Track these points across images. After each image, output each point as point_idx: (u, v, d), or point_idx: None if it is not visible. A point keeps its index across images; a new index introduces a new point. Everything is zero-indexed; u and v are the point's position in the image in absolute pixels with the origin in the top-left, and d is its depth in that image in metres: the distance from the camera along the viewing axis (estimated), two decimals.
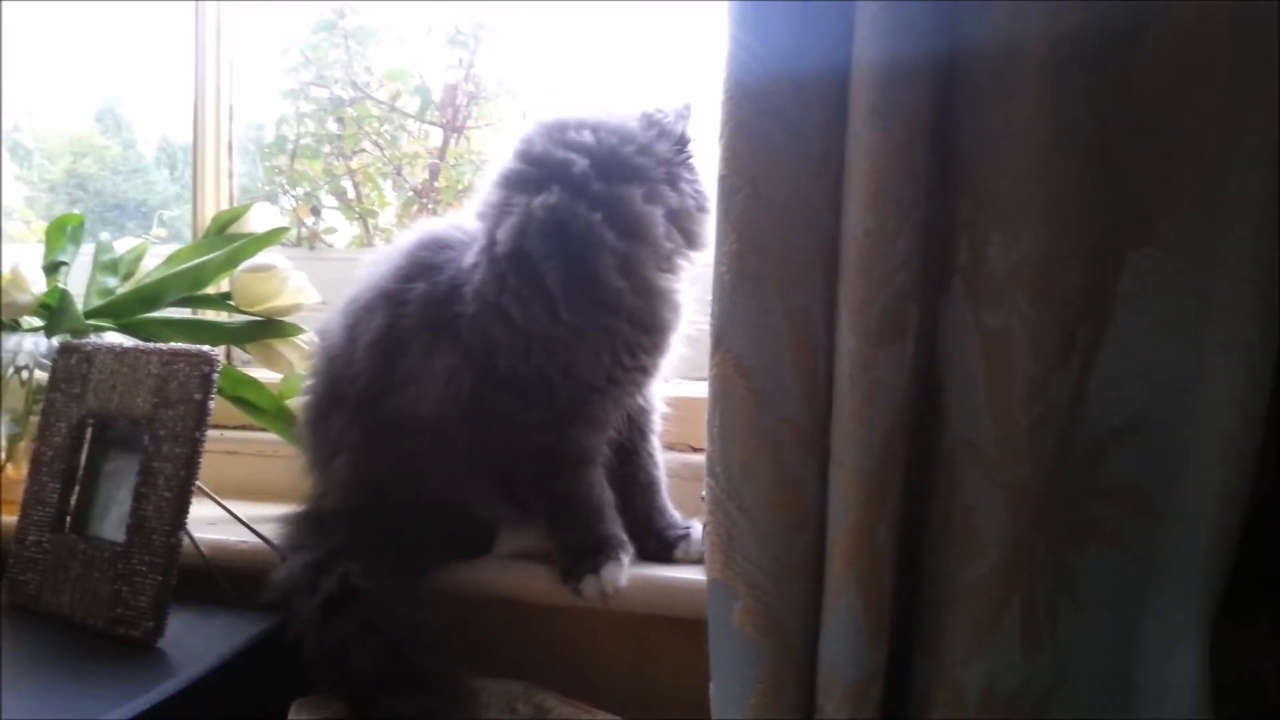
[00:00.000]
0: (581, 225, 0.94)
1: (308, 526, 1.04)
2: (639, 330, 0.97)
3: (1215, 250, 0.72)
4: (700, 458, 0.81)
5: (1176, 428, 0.75)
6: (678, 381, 1.08)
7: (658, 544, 1.04)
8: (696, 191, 1.02)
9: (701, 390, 0.81)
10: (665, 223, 0.98)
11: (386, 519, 0.99)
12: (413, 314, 0.98)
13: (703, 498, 0.81)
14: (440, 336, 0.97)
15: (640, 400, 1.04)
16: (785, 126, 0.75)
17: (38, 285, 1.21)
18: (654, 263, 0.98)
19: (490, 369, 0.96)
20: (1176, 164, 0.73)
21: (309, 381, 1.08)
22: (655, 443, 1.08)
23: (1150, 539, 0.77)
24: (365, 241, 1.56)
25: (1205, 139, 0.72)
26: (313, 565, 0.96)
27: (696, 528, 1.03)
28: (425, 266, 1.00)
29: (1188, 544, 0.75)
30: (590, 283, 0.95)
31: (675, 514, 1.06)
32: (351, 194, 1.57)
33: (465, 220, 1.03)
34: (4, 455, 1.25)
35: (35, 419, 1.14)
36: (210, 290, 1.29)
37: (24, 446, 1.21)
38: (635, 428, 1.06)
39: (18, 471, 1.22)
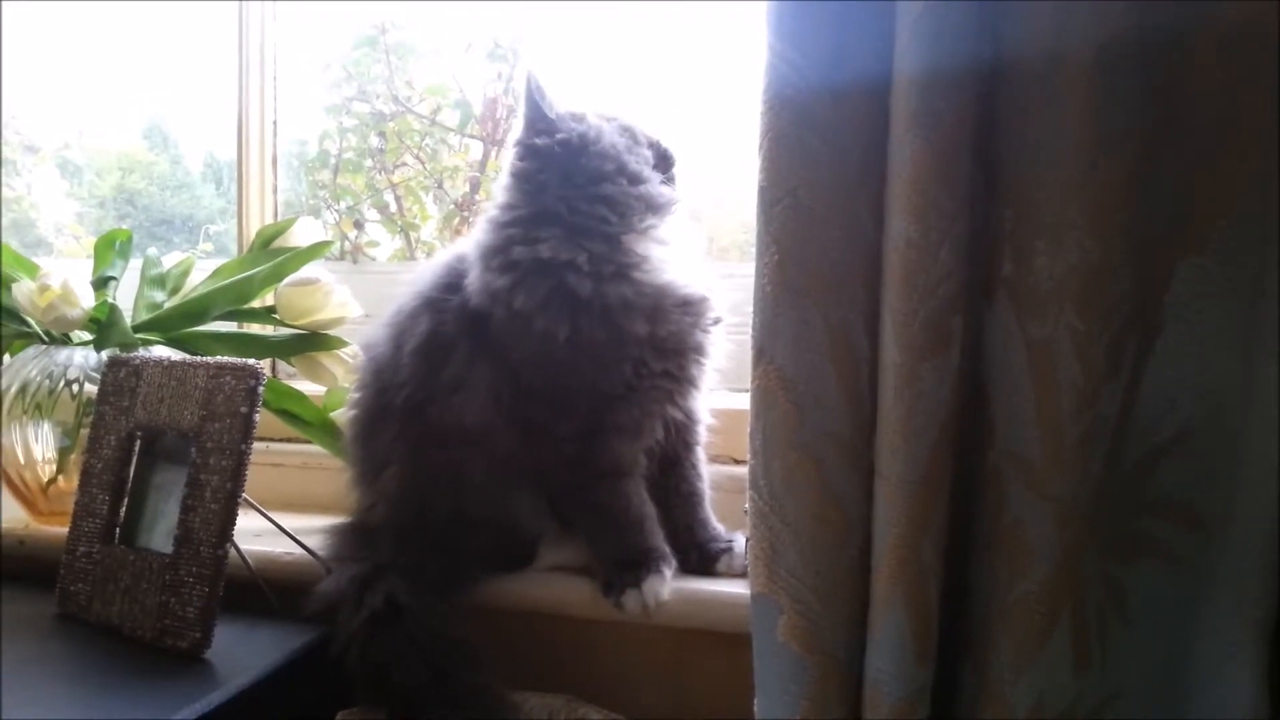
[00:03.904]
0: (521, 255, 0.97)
1: (354, 539, 1.05)
2: (630, 344, 0.97)
3: (1266, 258, 0.71)
4: (743, 470, 0.80)
5: (1227, 440, 0.74)
6: (721, 393, 1.08)
7: (699, 557, 1.03)
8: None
9: (744, 402, 0.80)
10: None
11: (431, 532, 1.00)
12: (452, 321, 0.99)
13: (745, 511, 0.80)
14: (480, 346, 0.98)
15: (679, 411, 1.03)
16: (825, 137, 0.75)
17: (87, 300, 1.23)
18: (580, 279, 0.96)
19: (520, 380, 0.97)
20: (1225, 170, 0.72)
21: (355, 395, 1.09)
22: (699, 455, 1.07)
23: (1200, 553, 0.75)
24: (407, 255, 1.57)
25: (1255, 144, 0.71)
26: (359, 579, 0.97)
27: (739, 541, 1.03)
28: (462, 277, 1.01)
29: (1239, 558, 0.74)
30: (558, 299, 0.96)
31: (718, 527, 1.06)
32: (394, 208, 1.58)
33: None
34: (55, 467, 1.27)
35: (85, 432, 1.16)
36: (255, 304, 1.30)
37: (74, 459, 1.23)
38: (679, 439, 1.05)
39: (68, 483, 1.24)
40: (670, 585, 0.98)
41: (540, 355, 0.96)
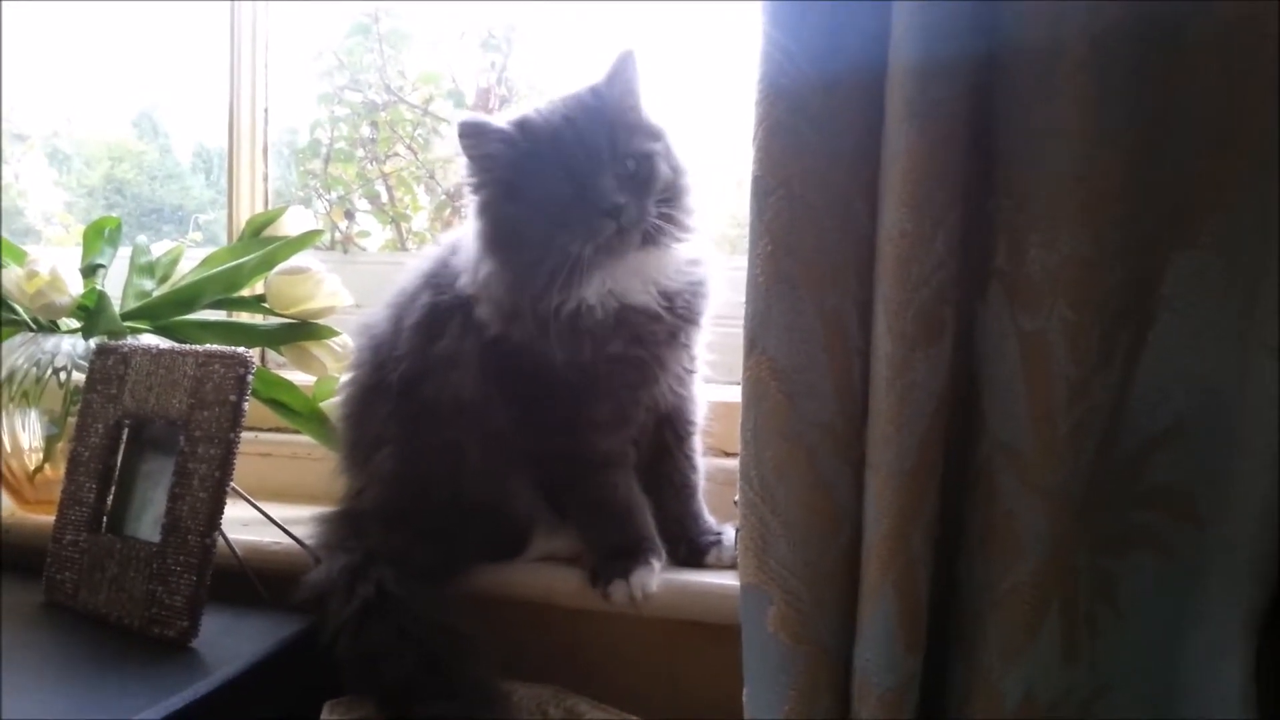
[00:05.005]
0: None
1: (343, 527, 1.05)
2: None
3: (1260, 251, 0.71)
4: (735, 463, 0.80)
5: (1220, 433, 0.74)
6: (713, 386, 1.08)
7: (689, 549, 1.03)
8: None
9: (736, 395, 0.80)
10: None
11: (423, 517, 1.00)
12: (450, 294, 1.00)
13: (736, 502, 0.80)
14: (472, 320, 0.98)
15: (661, 402, 1.03)
16: (820, 126, 0.74)
17: (75, 288, 1.22)
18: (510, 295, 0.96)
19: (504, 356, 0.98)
20: (1220, 163, 0.72)
21: (350, 373, 1.09)
22: (693, 446, 1.07)
23: (1193, 546, 0.75)
24: (398, 245, 1.56)
25: (1251, 137, 0.71)
26: (350, 568, 0.96)
27: (729, 533, 1.03)
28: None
29: (1232, 551, 0.74)
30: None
31: (709, 519, 1.06)
32: (385, 198, 1.57)
33: None
34: (42, 455, 1.26)
35: (73, 420, 1.16)
36: (245, 293, 1.30)
37: (61, 447, 1.23)
38: (669, 430, 1.05)
39: (55, 472, 1.23)
40: (659, 577, 0.98)
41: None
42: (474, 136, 0.95)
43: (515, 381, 0.98)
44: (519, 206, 0.94)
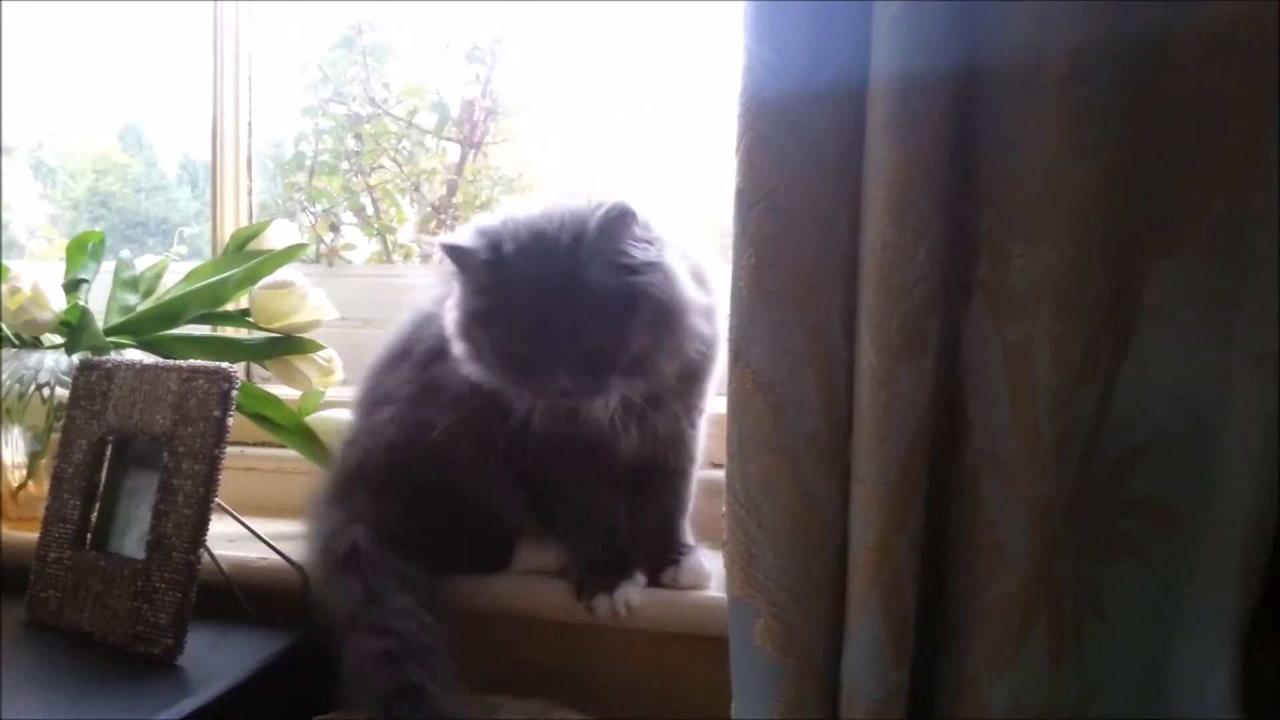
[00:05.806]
0: None
1: (337, 510, 1.03)
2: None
3: (1242, 259, 0.71)
4: (721, 474, 0.80)
5: (1204, 441, 0.74)
6: None
7: (650, 567, 1.01)
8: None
9: (721, 406, 0.80)
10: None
11: (418, 515, 1.00)
12: None
13: (723, 514, 0.80)
14: None
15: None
16: (803, 139, 0.74)
17: (58, 303, 1.21)
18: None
19: None
20: (1203, 172, 0.72)
21: (392, 337, 1.08)
22: (671, 465, 1.03)
23: (1178, 555, 0.76)
24: (384, 258, 1.56)
25: (1232, 146, 0.71)
26: (350, 569, 0.96)
27: (695, 556, 1.01)
28: None
29: (1217, 559, 0.74)
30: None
31: (684, 538, 1.03)
32: (370, 210, 1.57)
33: None
34: (25, 472, 1.25)
35: (56, 436, 1.15)
36: (230, 307, 1.29)
37: (45, 464, 1.22)
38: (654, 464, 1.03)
39: (39, 488, 1.22)
40: (643, 591, 0.98)
41: None
42: (451, 257, 0.93)
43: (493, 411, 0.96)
44: (485, 331, 0.92)
